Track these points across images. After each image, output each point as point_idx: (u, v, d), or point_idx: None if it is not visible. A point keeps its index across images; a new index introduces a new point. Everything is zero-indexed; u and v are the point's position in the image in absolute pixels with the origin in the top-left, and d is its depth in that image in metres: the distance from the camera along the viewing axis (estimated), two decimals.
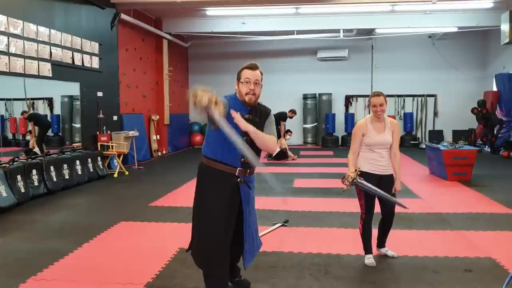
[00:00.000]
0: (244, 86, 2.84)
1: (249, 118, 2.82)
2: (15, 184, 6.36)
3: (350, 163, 3.91)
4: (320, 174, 9.18)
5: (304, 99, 15.85)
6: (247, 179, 2.91)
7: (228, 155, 2.82)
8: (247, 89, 2.83)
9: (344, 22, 12.85)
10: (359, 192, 3.92)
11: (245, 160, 2.78)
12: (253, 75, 2.85)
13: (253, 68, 2.88)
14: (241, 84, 2.86)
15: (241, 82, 2.86)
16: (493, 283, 3.48)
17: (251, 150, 2.65)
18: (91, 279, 3.65)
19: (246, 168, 2.87)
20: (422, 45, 15.16)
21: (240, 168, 2.85)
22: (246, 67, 2.89)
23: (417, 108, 15.74)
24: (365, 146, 3.91)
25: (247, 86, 2.83)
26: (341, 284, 3.52)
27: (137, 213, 5.94)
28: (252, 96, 2.84)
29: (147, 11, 11.91)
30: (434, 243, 4.54)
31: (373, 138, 3.87)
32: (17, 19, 7.02)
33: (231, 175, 2.85)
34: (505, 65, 13.52)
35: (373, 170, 3.87)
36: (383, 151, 3.90)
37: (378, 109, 3.84)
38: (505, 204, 6.22)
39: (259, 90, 2.89)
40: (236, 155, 2.79)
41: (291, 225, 5.20)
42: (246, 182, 2.91)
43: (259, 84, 2.89)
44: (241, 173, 2.87)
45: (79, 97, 9.00)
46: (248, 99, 2.84)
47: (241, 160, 2.81)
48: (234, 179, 2.86)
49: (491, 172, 9.17)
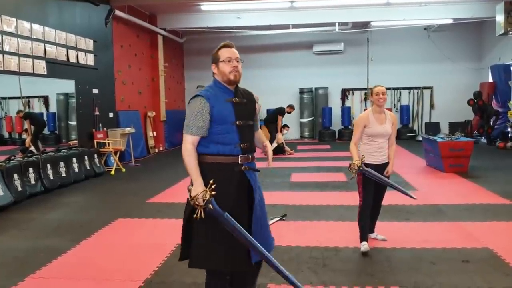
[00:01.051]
0: (226, 65, 2.62)
1: (238, 102, 2.66)
2: (12, 182, 6.34)
3: (353, 152, 4.08)
4: (317, 168, 9.19)
5: (301, 93, 15.84)
6: (251, 165, 2.70)
7: (225, 146, 2.63)
8: (231, 68, 2.62)
9: (340, 15, 12.82)
10: (359, 182, 4.08)
11: (244, 146, 2.63)
12: (233, 53, 2.66)
13: (230, 46, 2.69)
14: (222, 63, 2.64)
15: (222, 62, 2.64)
16: (491, 274, 3.50)
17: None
18: (90, 276, 3.65)
19: (248, 154, 2.68)
20: (417, 37, 15.15)
21: (241, 155, 2.64)
22: (223, 46, 2.69)
23: (413, 100, 15.77)
24: (367, 136, 4.09)
25: (230, 64, 2.62)
26: (339, 276, 3.53)
27: (135, 209, 5.93)
28: (237, 73, 2.64)
29: (141, 7, 11.84)
30: (432, 234, 4.55)
31: (375, 129, 4.05)
32: (11, 17, 6.97)
33: (234, 164, 2.64)
34: (500, 56, 13.53)
35: (373, 161, 4.07)
36: (383, 142, 4.09)
37: (381, 97, 4.04)
38: (501, 194, 6.24)
39: (241, 68, 2.69)
40: (233, 143, 2.62)
41: (289, 219, 5.21)
42: (251, 168, 2.71)
43: (240, 62, 2.68)
44: (243, 160, 2.65)
45: (74, 94, 8.96)
46: (234, 76, 2.63)
47: (240, 146, 2.62)
48: (238, 168, 2.63)
49: (488, 163, 9.20)
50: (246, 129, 2.67)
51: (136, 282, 3.49)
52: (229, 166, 2.62)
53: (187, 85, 16.26)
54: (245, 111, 2.69)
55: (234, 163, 2.62)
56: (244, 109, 2.69)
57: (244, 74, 2.82)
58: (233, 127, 2.61)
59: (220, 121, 2.59)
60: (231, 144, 2.61)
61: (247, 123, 2.69)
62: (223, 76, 2.64)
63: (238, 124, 2.62)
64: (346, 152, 10.70)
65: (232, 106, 2.63)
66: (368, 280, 3.44)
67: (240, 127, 2.63)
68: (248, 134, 2.69)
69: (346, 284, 3.38)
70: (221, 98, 2.62)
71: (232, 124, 2.60)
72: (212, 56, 2.69)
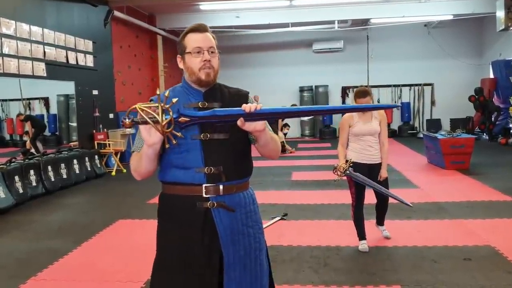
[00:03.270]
0: (194, 59, 1.80)
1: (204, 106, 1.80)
2: (13, 184, 6.34)
3: (340, 154, 4.07)
4: (318, 167, 9.18)
5: (301, 91, 15.84)
6: (224, 200, 1.80)
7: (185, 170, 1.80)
8: (200, 62, 1.80)
9: (339, 13, 12.82)
10: (350, 181, 4.07)
11: (210, 170, 1.77)
12: (204, 40, 1.83)
13: (201, 30, 1.84)
14: (188, 57, 1.82)
15: (189, 54, 1.82)
16: (493, 271, 3.49)
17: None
18: (91, 278, 3.65)
19: (218, 183, 1.79)
20: (417, 34, 15.12)
21: (206, 184, 1.79)
22: (191, 30, 1.85)
23: (414, 97, 15.74)
24: (353, 136, 4.04)
25: (199, 57, 1.80)
26: (340, 275, 3.53)
27: (136, 210, 5.93)
28: (210, 71, 1.81)
29: (140, 7, 11.84)
30: (433, 232, 4.54)
31: (360, 128, 3.99)
32: (9, 19, 6.97)
33: (195, 198, 1.79)
34: (501, 52, 13.49)
35: (362, 159, 4.01)
36: (371, 141, 4.02)
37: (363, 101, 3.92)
38: (503, 191, 6.22)
39: (217, 63, 1.86)
40: (195, 166, 1.78)
41: (290, 219, 5.21)
42: (225, 205, 1.80)
43: (216, 53, 1.86)
44: (211, 192, 1.79)
45: (74, 96, 8.97)
46: (205, 75, 1.80)
47: (205, 171, 1.78)
48: (201, 204, 1.79)
49: (489, 160, 9.18)
50: (216, 146, 1.80)
51: (137, 284, 3.49)
52: (189, 201, 1.80)
53: None
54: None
55: (196, 196, 1.79)
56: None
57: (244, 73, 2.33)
58: (195, 143, 1.78)
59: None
60: (193, 167, 1.79)
61: (219, 137, 1.80)
62: (191, 74, 1.83)
63: (203, 138, 1.78)
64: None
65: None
66: (370, 279, 3.43)
67: (206, 143, 1.79)
68: (219, 154, 1.80)
69: (347, 284, 3.37)
70: (179, 103, 1.73)
71: (192, 139, 1.78)
72: (178, 44, 1.91)
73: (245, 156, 1.92)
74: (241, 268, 1.84)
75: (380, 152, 4.06)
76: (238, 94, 1.96)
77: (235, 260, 1.83)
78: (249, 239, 1.87)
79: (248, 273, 1.86)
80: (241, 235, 1.85)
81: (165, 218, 1.89)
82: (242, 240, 1.85)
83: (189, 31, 1.86)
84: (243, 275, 1.85)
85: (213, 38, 1.88)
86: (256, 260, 1.90)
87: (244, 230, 1.86)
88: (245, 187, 1.92)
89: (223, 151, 1.81)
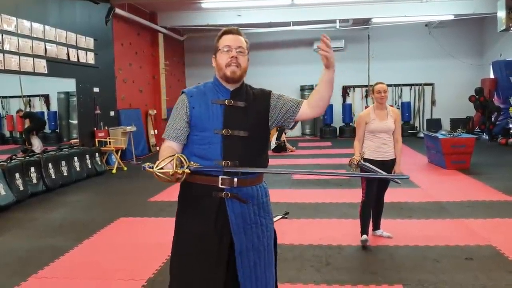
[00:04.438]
0: (223, 55, 2.01)
1: (231, 105, 2.02)
2: (13, 182, 6.33)
3: (356, 149, 4.18)
4: (318, 166, 9.18)
5: (302, 90, 15.81)
6: (237, 192, 1.99)
7: (205, 161, 1.99)
8: (228, 59, 1.99)
9: (340, 12, 12.80)
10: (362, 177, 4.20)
11: (228, 164, 1.96)
12: (235, 40, 2.03)
13: (233, 33, 2.05)
14: (219, 54, 2.03)
15: (219, 51, 2.03)
16: (495, 271, 3.49)
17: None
18: (92, 276, 3.65)
19: (233, 176, 1.98)
20: (418, 33, 15.10)
21: (222, 176, 1.97)
22: (224, 32, 2.07)
23: (415, 97, 15.73)
24: (369, 132, 4.16)
25: (227, 54, 2.00)
26: (343, 274, 3.53)
27: (137, 208, 5.93)
28: (236, 68, 2.00)
29: (141, 5, 11.81)
30: (434, 232, 4.54)
31: (376, 125, 4.12)
32: (11, 16, 6.95)
33: (212, 188, 1.99)
34: (502, 52, 13.49)
35: (376, 157, 4.11)
36: (386, 138, 4.14)
37: (382, 95, 4.11)
38: (504, 191, 6.23)
39: (245, 62, 2.04)
40: (214, 158, 1.98)
41: (291, 217, 5.21)
42: (238, 196, 1.98)
43: (245, 53, 2.05)
44: (226, 183, 1.97)
45: (75, 93, 8.95)
46: (231, 71, 1.99)
47: (223, 164, 1.96)
48: (216, 193, 1.98)
49: (490, 160, 9.18)
50: (235, 141, 1.99)
51: (138, 282, 3.48)
52: (206, 190, 1.99)
53: (188, 83, 16.23)
54: (239, 118, 2.02)
55: (212, 186, 1.98)
56: (239, 115, 2.03)
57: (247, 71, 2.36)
58: (217, 137, 1.98)
59: (200, 126, 2.01)
60: (212, 159, 1.98)
61: (239, 134, 2.00)
62: (219, 70, 2.04)
63: (225, 133, 1.98)
64: (347, 149, 10.67)
65: (221, 109, 2.02)
66: (372, 278, 3.43)
67: (226, 138, 1.98)
68: (238, 149, 1.99)
69: (350, 283, 3.37)
70: (208, 98, 2.04)
71: (215, 133, 1.98)
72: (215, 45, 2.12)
73: (261, 152, 2.11)
74: (255, 255, 2.03)
75: (395, 149, 4.22)
76: (261, 93, 2.16)
77: (248, 247, 2.01)
78: (262, 228, 2.06)
79: (262, 260, 2.05)
80: (254, 225, 2.03)
81: (184, 203, 2.09)
82: (255, 229, 2.04)
83: (223, 33, 2.08)
84: (257, 262, 2.03)
85: (245, 42, 2.08)
86: (269, 247, 2.10)
87: (257, 220, 2.05)
88: (259, 181, 2.10)
89: (242, 147, 2.00)
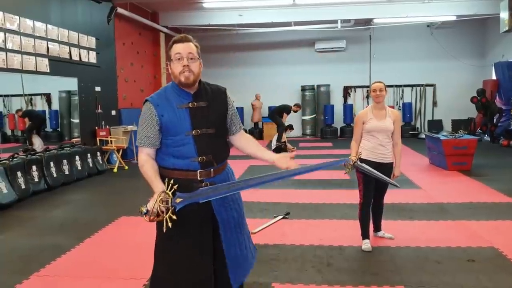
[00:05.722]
0: (176, 64, 2.22)
1: (195, 106, 2.24)
2: (15, 180, 6.34)
3: (352, 149, 4.14)
4: None
5: (302, 90, 15.81)
6: (215, 180, 2.28)
7: (181, 160, 2.24)
8: (180, 67, 2.20)
9: (342, 13, 12.79)
10: (359, 179, 4.11)
11: (203, 159, 2.22)
12: (185, 48, 2.22)
13: (183, 41, 2.24)
14: (172, 63, 2.24)
15: (172, 61, 2.24)
16: (497, 273, 3.48)
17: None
18: (94, 275, 3.65)
19: (209, 167, 2.26)
20: (420, 34, 15.10)
21: (200, 170, 2.24)
22: (175, 41, 2.26)
23: (416, 98, 15.72)
24: (366, 132, 4.11)
25: (180, 63, 2.20)
26: (344, 275, 3.52)
27: (138, 207, 5.86)
28: (189, 74, 2.20)
29: (143, 4, 11.83)
30: (436, 233, 4.54)
31: (374, 124, 4.06)
32: (13, 15, 6.96)
33: (192, 180, 2.24)
34: (504, 54, 13.48)
35: (372, 158, 4.06)
36: (384, 139, 4.07)
37: (378, 93, 4.07)
38: (506, 193, 6.21)
39: (197, 67, 2.25)
40: (189, 156, 2.23)
41: (292, 218, 5.20)
42: (215, 184, 2.27)
43: (195, 59, 2.24)
44: (204, 175, 2.25)
45: (77, 92, 8.96)
46: (185, 78, 2.20)
47: (198, 160, 2.23)
48: (197, 184, 2.24)
49: (491, 161, 9.17)
50: (205, 139, 2.25)
51: (140, 281, 3.49)
52: (187, 183, 2.23)
53: None
54: (204, 117, 2.26)
55: (192, 179, 2.24)
56: (204, 114, 2.26)
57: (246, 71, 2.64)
58: (189, 138, 2.22)
59: (172, 131, 2.22)
60: (188, 158, 2.23)
61: (208, 132, 2.25)
62: (174, 77, 2.25)
63: (195, 133, 2.23)
64: (348, 149, 10.62)
65: (187, 112, 2.23)
66: (373, 279, 3.43)
67: (197, 138, 2.23)
68: (209, 145, 2.26)
69: (351, 283, 3.37)
70: (173, 104, 2.24)
71: (186, 135, 2.22)
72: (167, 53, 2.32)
73: (226, 143, 2.43)
74: (236, 226, 2.37)
75: (394, 152, 4.16)
76: (218, 90, 2.39)
77: (229, 221, 2.33)
78: (238, 203, 2.42)
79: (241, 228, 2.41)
80: (232, 202, 2.36)
81: None
82: (233, 205, 2.37)
83: (173, 42, 2.26)
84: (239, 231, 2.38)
85: (195, 47, 2.26)
86: (243, 214, 2.45)
87: (233, 197, 2.37)
88: (226, 165, 2.42)
89: (212, 142, 2.28)
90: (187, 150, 2.22)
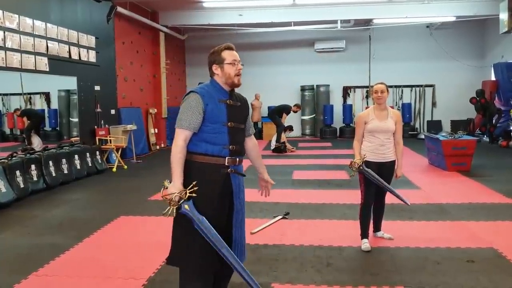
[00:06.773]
0: (232, 67, 2.63)
1: (231, 104, 2.67)
2: (14, 179, 6.33)
3: (355, 150, 4.16)
4: (319, 166, 9.18)
5: (302, 90, 15.82)
6: (237, 168, 2.70)
7: (214, 146, 2.63)
8: (237, 70, 2.64)
9: (342, 13, 12.79)
10: (361, 179, 4.14)
11: (233, 148, 2.63)
12: (237, 55, 2.69)
13: (233, 49, 2.71)
14: (228, 66, 2.64)
15: (228, 64, 2.64)
16: (496, 274, 3.48)
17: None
18: (93, 274, 3.64)
19: (236, 157, 2.66)
20: (420, 35, 15.11)
21: (228, 157, 2.63)
22: (227, 47, 2.69)
23: (415, 98, 15.73)
24: (368, 133, 4.12)
25: (236, 67, 2.64)
26: (343, 276, 3.52)
27: (137, 207, 5.92)
28: (240, 77, 2.68)
29: (143, 3, 11.80)
30: (435, 234, 4.54)
31: (375, 125, 4.09)
32: (13, 13, 6.94)
33: (220, 166, 2.63)
34: (503, 54, 13.49)
35: (374, 158, 4.08)
36: (385, 139, 4.10)
37: (379, 95, 4.08)
38: (505, 194, 6.22)
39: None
40: (222, 144, 2.62)
41: (292, 218, 5.20)
42: (237, 171, 2.70)
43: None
44: (231, 162, 2.64)
45: (76, 91, 8.94)
46: (238, 80, 2.66)
47: (229, 148, 2.62)
48: (224, 170, 2.63)
49: (490, 162, 9.18)
50: (236, 131, 2.68)
51: (139, 281, 3.48)
52: (216, 168, 2.60)
53: (189, 82, 16.23)
54: (237, 114, 2.69)
55: (221, 165, 2.61)
56: (237, 112, 2.69)
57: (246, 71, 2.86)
58: (224, 128, 2.61)
59: (212, 119, 2.58)
60: (220, 144, 2.61)
61: (239, 126, 2.70)
62: (227, 78, 2.64)
63: (230, 125, 2.62)
64: (347, 149, 10.68)
65: (225, 107, 2.63)
66: (373, 280, 3.42)
67: (231, 129, 2.63)
68: (238, 137, 2.69)
69: (350, 284, 3.36)
70: (215, 98, 2.62)
71: (223, 125, 2.60)
72: (213, 56, 2.67)
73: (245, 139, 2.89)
74: (242, 212, 2.75)
75: (396, 151, 4.19)
76: (242, 97, 2.81)
77: (237, 209, 2.70)
78: (243, 195, 2.79)
79: (243, 218, 2.78)
80: (241, 193, 2.75)
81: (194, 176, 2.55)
82: (242, 194, 2.76)
83: (225, 48, 2.67)
84: (242, 217, 2.76)
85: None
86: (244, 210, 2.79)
87: (242, 188, 2.76)
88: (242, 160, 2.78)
89: (240, 135, 2.75)
90: (221, 138, 2.60)
